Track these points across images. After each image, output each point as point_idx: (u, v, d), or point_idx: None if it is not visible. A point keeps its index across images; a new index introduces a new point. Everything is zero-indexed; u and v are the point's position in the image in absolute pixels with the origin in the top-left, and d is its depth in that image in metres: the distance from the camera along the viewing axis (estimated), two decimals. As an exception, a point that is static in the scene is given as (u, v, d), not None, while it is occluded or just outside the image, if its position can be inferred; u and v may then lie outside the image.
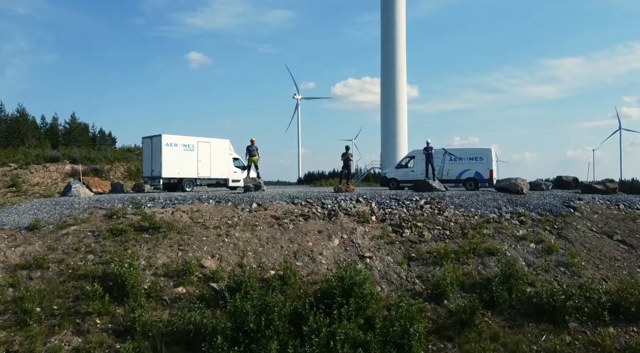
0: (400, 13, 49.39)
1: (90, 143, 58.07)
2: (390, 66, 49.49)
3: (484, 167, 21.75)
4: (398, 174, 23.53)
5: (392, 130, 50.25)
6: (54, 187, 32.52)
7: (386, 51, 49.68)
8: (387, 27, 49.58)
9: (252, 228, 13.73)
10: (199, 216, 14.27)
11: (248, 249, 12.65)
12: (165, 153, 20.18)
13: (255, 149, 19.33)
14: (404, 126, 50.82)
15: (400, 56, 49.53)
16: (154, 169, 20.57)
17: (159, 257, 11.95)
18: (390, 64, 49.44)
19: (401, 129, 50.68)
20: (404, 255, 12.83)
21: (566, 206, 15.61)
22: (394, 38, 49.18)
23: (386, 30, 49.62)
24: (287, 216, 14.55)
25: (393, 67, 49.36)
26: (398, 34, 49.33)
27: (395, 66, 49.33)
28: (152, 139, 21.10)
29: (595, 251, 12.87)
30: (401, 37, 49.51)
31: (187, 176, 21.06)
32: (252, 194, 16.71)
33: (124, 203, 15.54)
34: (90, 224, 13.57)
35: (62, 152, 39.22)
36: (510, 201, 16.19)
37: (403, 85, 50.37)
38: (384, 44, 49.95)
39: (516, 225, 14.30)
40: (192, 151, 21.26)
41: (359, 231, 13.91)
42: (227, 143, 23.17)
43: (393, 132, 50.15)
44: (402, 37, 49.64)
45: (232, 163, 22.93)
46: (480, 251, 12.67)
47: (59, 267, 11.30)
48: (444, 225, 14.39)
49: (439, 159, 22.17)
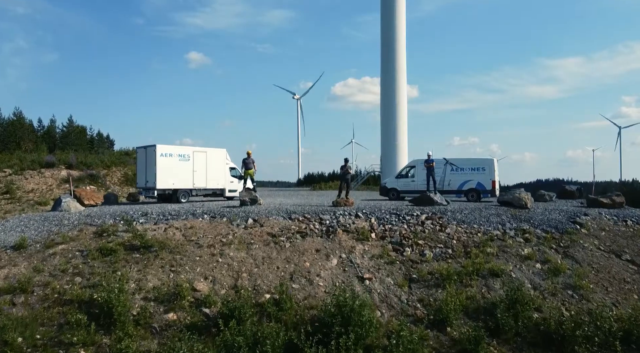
0: (400, 13, 49.06)
1: (87, 145, 57.59)
2: (390, 67, 49.17)
3: (487, 178, 21.27)
4: (398, 184, 23.03)
5: (392, 132, 49.86)
6: (49, 194, 32.04)
7: (386, 51, 49.37)
8: (387, 28, 49.26)
9: (247, 246, 13.24)
10: (193, 234, 13.78)
11: (243, 270, 12.15)
12: (160, 164, 19.68)
13: (252, 161, 18.84)
14: (404, 127, 50.38)
15: (400, 56, 49.15)
16: (148, 180, 20.08)
17: (149, 279, 11.45)
18: (390, 64, 49.11)
19: (401, 131, 50.22)
20: (405, 276, 12.34)
21: (572, 222, 15.12)
22: (394, 38, 48.85)
23: (386, 31, 49.28)
24: (284, 234, 14.05)
25: (393, 68, 49.04)
26: (398, 35, 48.97)
27: (395, 66, 49.00)
28: (146, 149, 20.59)
29: (604, 272, 12.38)
30: (401, 37, 49.11)
31: (183, 186, 20.56)
32: (248, 209, 16.22)
33: (115, 218, 15.04)
34: (79, 242, 13.07)
35: (58, 157, 38.71)
36: (514, 216, 15.70)
37: (403, 86, 49.99)
38: (384, 44, 49.58)
39: (521, 243, 13.81)
40: (187, 161, 20.77)
41: (358, 250, 13.41)
42: (224, 152, 22.66)
43: (393, 134, 49.75)
44: (402, 37, 49.24)
45: (228, 173, 22.44)
46: (484, 272, 12.18)
47: (44, 291, 10.80)
48: (446, 242, 13.90)
49: (440, 170, 21.71)
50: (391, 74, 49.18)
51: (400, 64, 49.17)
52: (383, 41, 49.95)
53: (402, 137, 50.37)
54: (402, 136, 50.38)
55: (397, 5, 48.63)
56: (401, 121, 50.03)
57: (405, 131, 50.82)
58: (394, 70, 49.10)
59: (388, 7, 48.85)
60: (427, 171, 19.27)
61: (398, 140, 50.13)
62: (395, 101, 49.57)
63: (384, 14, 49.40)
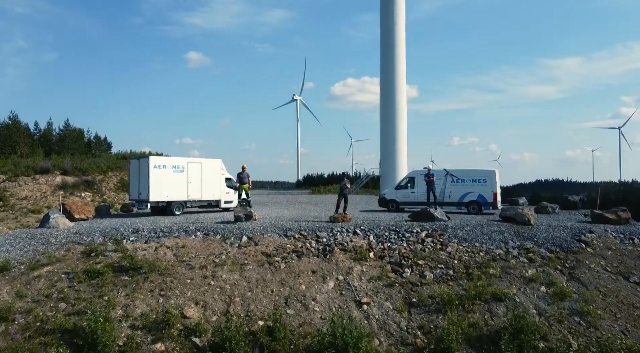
0: (400, 13, 48.82)
1: (85, 148, 57.05)
2: (389, 67, 48.85)
3: (488, 190, 20.78)
4: (398, 195, 22.54)
5: (391, 134, 49.49)
6: (43, 201, 31.55)
7: (385, 52, 49.07)
8: (386, 28, 48.97)
9: (240, 267, 12.74)
10: (184, 254, 13.27)
11: (235, 293, 11.65)
12: (153, 176, 19.18)
13: (247, 176, 18.33)
14: (403, 129, 50.02)
15: (400, 57, 48.84)
16: (141, 192, 19.58)
17: (137, 305, 10.95)
18: (389, 65, 48.80)
19: (401, 132, 49.83)
20: (404, 300, 11.85)
21: (577, 240, 14.64)
22: (394, 39, 48.54)
23: (385, 31, 48.98)
24: (279, 253, 13.56)
25: (393, 68, 48.72)
26: (397, 35, 48.65)
27: (394, 67, 48.68)
28: (139, 160, 20.08)
29: (612, 297, 11.89)
30: (401, 38, 48.75)
31: (177, 198, 20.05)
32: (243, 225, 15.72)
33: (105, 235, 14.54)
34: (66, 263, 12.56)
35: (53, 162, 38.14)
36: (517, 233, 15.21)
37: (403, 87, 49.70)
38: (383, 46, 49.25)
39: (524, 263, 13.32)
40: (181, 172, 20.26)
41: (355, 271, 12.92)
42: (219, 162, 22.16)
43: (393, 136, 49.41)
44: (402, 38, 48.88)
45: (224, 184, 21.93)
46: (486, 296, 11.69)
47: (26, 319, 10.29)
48: (447, 262, 13.41)
49: (440, 181, 21.22)
50: (391, 75, 48.79)
51: (400, 65, 48.81)
52: (382, 43, 49.54)
53: (401, 139, 49.97)
54: (401, 138, 50.00)
55: (397, 6, 48.36)
56: (400, 123, 49.64)
57: (404, 133, 50.41)
58: (393, 71, 48.72)
59: (387, 7, 48.61)
60: (427, 186, 18.80)
61: (398, 142, 49.71)
62: (394, 103, 49.17)
63: (384, 15, 49.13)
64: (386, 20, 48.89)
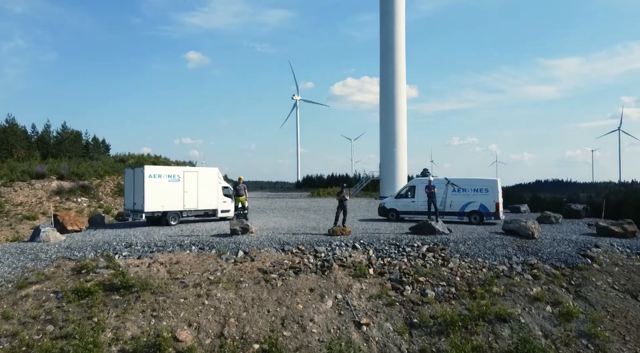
0: (400, 17, 48.81)
1: (83, 151, 56.62)
2: (389, 69, 49.08)
3: (490, 200, 20.36)
4: (398, 204, 22.11)
5: (391, 138, 49.67)
6: (38, 207, 31.15)
7: (385, 55, 49.28)
8: (386, 30, 49.10)
9: (236, 285, 12.33)
10: (178, 271, 12.86)
11: (230, 314, 11.25)
12: (148, 186, 18.75)
13: (243, 188, 17.91)
14: (403, 133, 49.98)
15: (400, 58, 48.95)
16: (136, 202, 19.15)
17: (128, 327, 10.54)
18: (389, 67, 49.03)
19: (400, 136, 49.93)
20: (405, 320, 11.45)
21: (582, 255, 14.23)
22: (393, 43, 48.68)
23: (385, 33, 49.11)
24: (276, 269, 13.15)
25: (392, 72, 48.87)
26: (397, 40, 48.71)
27: (394, 68, 48.86)
28: (134, 170, 19.65)
29: (620, 317, 11.48)
30: (401, 42, 48.77)
31: (173, 208, 19.63)
32: (239, 239, 15.31)
33: (97, 250, 14.12)
34: (55, 281, 12.14)
35: (49, 167, 37.69)
36: (521, 248, 14.81)
37: (403, 90, 49.74)
38: (383, 52, 49.29)
39: (529, 280, 12.91)
40: (177, 181, 19.85)
41: (355, 289, 12.51)
42: (216, 171, 21.73)
43: (393, 140, 49.50)
44: (402, 43, 48.90)
45: (221, 192, 21.50)
46: (490, 317, 11.29)
47: (11, 343, 9.88)
48: (449, 279, 13.00)
49: (441, 190, 20.81)
50: (390, 79, 48.72)
51: (400, 68, 48.75)
52: (382, 46, 49.40)
53: (401, 143, 49.91)
54: (401, 141, 49.95)
55: (396, 9, 48.23)
56: (400, 127, 49.49)
57: (404, 137, 50.32)
58: (393, 74, 48.60)
59: (387, 10, 48.51)
60: (428, 198, 18.40)
61: (398, 145, 49.64)
62: (394, 107, 49.01)
63: (383, 16, 49.12)
64: (386, 21, 48.77)
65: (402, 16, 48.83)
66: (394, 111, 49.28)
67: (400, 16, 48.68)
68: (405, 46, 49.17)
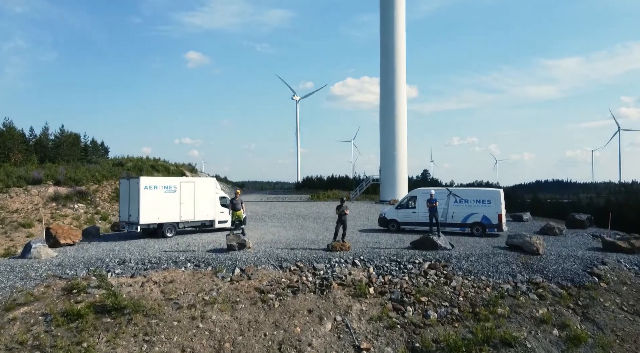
0: (400, 16, 48.80)
1: (81, 154, 56.27)
2: (389, 71, 49.36)
3: (492, 211, 19.95)
4: (399, 215, 21.68)
5: (391, 142, 49.74)
6: (34, 214, 30.74)
7: (385, 58, 49.54)
8: (386, 31, 49.24)
9: (232, 306, 11.92)
10: (172, 290, 12.45)
11: (225, 338, 10.84)
12: (144, 197, 18.35)
13: (240, 202, 17.48)
14: (403, 137, 49.92)
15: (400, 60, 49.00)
16: (131, 214, 18.75)
17: (119, 353, 10.13)
18: (389, 69, 49.34)
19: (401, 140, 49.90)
20: (407, 344, 11.04)
21: (589, 273, 13.82)
22: (394, 44, 48.80)
23: (385, 35, 49.15)
24: (274, 289, 12.74)
25: (392, 72, 49.11)
26: (397, 39, 48.85)
27: (394, 71, 49.04)
28: (129, 181, 19.24)
29: (630, 342, 11.07)
30: (401, 42, 48.79)
31: (169, 220, 19.21)
32: (236, 255, 14.89)
33: (89, 268, 13.70)
34: (45, 303, 11.73)
35: (46, 172, 37.28)
36: (525, 265, 14.40)
37: (403, 92, 49.79)
38: (383, 52, 49.40)
39: (535, 301, 12.50)
40: (174, 192, 19.45)
41: (354, 310, 12.10)
42: (213, 181, 21.33)
43: (393, 144, 49.53)
44: (402, 41, 48.93)
45: (218, 203, 21.08)
46: (495, 341, 10.88)
47: (-4, 372, 9.47)
48: (452, 299, 12.59)
49: (442, 201, 20.40)
50: (390, 79, 48.79)
51: (400, 69, 48.81)
52: (382, 50, 49.25)
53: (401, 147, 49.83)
54: (401, 146, 49.86)
55: (397, 9, 48.18)
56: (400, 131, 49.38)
57: (404, 140, 50.28)
58: (393, 74, 48.60)
59: (387, 11, 48.50)
60: (429, 211, 17.99)
61: (398, 149, 49.57)
62: (394, 111, 48.92)
63: (383, 17, 49.23)
64: (386, 22, 48.74)
65: (402, 20, 48.62)
66: (394, 116, 49.07)
67: (400, 19, 48.48)
68: (405, 51, 49.03)
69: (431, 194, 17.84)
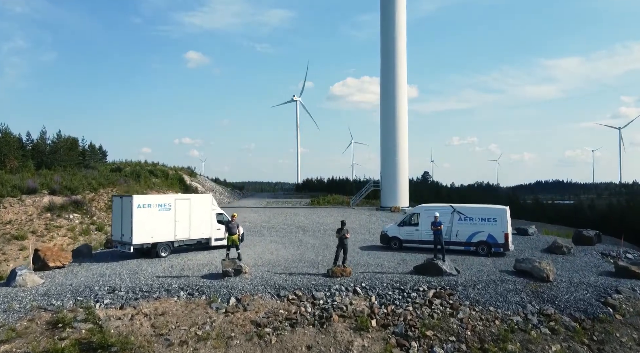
0: (401, 16, 48.63)
1: (79, 158, 55.63)
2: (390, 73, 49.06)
3: (498, 229, 19.26)
4: (401, 232, 20.98)
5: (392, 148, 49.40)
6: (28, 225, 30.11)
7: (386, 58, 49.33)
8: (387, 31, 48.99)
9: (226, 342, 11.25)
10: (163, 324, 11.76)
11: (218, 380, 10.15)
12: (137, 217, 17.68)
13: (236, 225, 16.79)
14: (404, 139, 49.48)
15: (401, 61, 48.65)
16: (124, 234, 18.08)
17: (103, 399, 9.44)
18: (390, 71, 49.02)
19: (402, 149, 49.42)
20: (412, 386, 10.35)
21: (602, 303, 13.14)
22: (394, 43, 48.70)
23: (386, 34, 49.00)
24: (270, 322, 12.06)
25: (393, 74, 48.87)
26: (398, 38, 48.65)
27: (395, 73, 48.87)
28: (122, 199, 18.56)
29: (650, 384, 10.39)
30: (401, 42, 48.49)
31: (163, 239, 18.54)
32: (232, 283, 14.18)
33: (77, 297, 13.00)
34: (27, 340, 11.04)
35: (41, 181, 36.62)
36: (536, 293, 13.71)
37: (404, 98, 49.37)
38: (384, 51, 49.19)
39: (547, 336, 11.81)
40: (168, 210, 18.77)
41: (356, 346, 11.42)
42: (209, 197, 20.65)
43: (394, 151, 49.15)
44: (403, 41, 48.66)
45: (214, 220, 20.39)
46: (506, 383, 10.20)
47: None
48: (459, 334, 11.91)
49: (446, 219, 19.72)
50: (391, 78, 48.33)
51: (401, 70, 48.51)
52: (383, 49, 48.99)
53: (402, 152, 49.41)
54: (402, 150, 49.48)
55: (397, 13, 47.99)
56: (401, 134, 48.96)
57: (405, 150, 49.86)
58: (394, 74, 48.27)
59: (388, 11, 48.40)
60: (434, 235, 17.27)
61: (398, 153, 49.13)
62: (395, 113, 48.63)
63: (384, 17, 49.15)
64: (386, 22, 48.47)
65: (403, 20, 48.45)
66: (395, 118, 48.85)
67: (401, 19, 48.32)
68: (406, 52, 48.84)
69: (436, 216, 17.17)
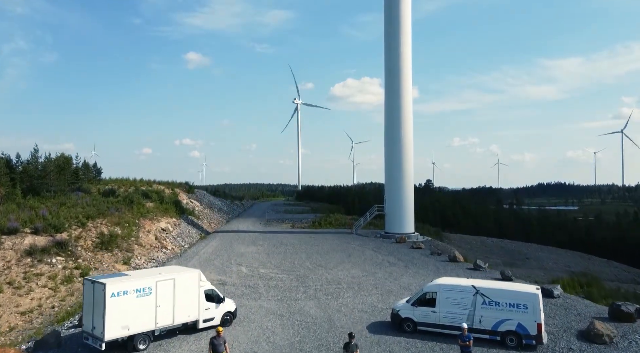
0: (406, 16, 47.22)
1: (72, 178, 53.34)
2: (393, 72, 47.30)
3: (530, 319, 16.54)
4: (415, 314, 18.22)
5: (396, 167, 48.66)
6: (6, 274, 27.86)
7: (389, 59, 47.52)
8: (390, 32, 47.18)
9: None
10: None
11: None
12: (110, 307, 15.15)
13: (223, 342, 14.16)
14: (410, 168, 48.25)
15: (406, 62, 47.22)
16: (95, 326, 15.54)
17: None
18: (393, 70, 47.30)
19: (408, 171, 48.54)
20: None
21: None
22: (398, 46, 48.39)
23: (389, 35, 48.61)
24: None
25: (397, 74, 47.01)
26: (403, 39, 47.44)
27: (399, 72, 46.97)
28: (94, 284, 15.99)
29: None
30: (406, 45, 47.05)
31: (142, 330, 16.01)
32: None
33: None
34: None
35: (24, 218, 34.24)
36: None
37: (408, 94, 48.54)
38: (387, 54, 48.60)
39: None
40: (148, 295, 16.23)
41: None
42: (197, 274, 18.02)
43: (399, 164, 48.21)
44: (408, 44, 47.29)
45: (203, 298, 17.83)
46: None
47: None
48: None
49: (468, 301, 17.12)
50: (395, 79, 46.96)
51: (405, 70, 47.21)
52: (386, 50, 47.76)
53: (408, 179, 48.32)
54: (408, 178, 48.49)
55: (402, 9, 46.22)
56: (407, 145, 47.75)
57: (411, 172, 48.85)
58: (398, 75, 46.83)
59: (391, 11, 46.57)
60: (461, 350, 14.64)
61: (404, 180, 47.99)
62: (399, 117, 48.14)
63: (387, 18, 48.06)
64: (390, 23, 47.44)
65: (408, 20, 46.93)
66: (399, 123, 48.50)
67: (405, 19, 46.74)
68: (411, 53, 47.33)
69: (463, 328, 14.50)
